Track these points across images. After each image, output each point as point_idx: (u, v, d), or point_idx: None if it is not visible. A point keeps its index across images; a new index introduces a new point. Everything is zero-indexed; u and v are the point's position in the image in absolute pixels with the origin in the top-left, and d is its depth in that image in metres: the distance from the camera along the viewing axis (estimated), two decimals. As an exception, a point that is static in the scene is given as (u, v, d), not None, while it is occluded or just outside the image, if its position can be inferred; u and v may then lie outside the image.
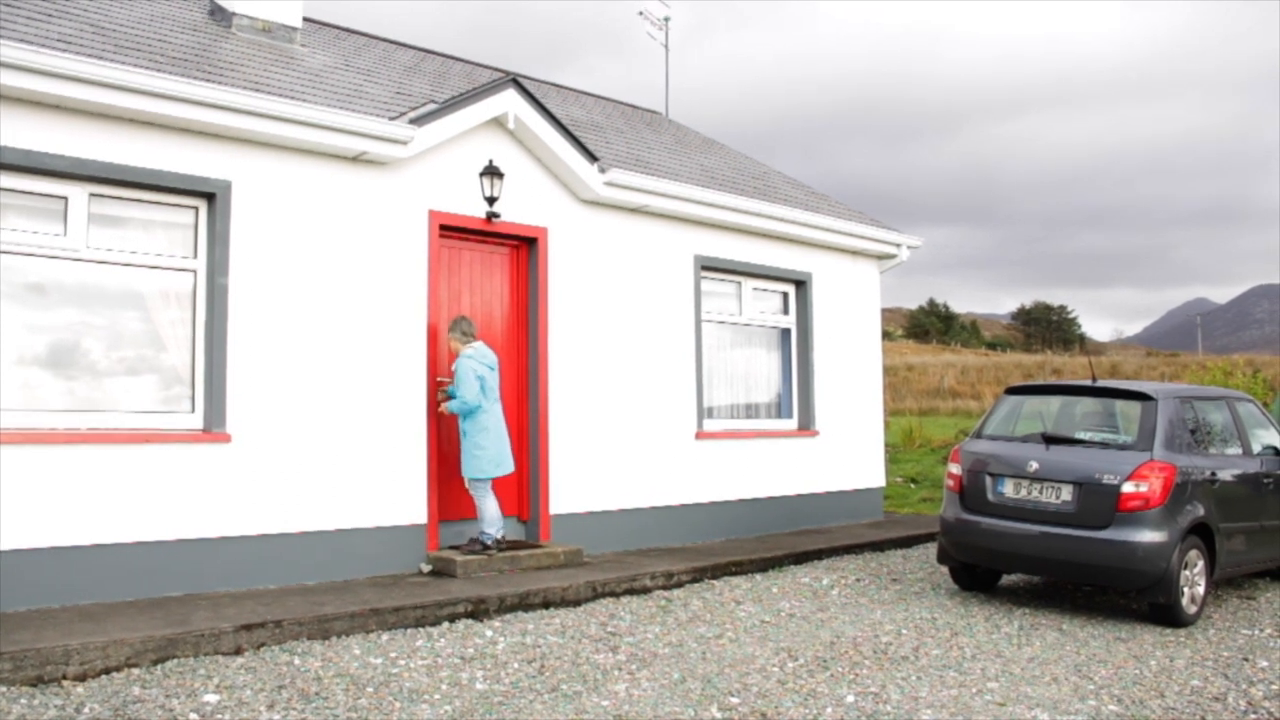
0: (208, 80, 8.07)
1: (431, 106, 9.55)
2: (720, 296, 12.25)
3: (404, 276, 9.23)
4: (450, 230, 9.65)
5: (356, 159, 8.94)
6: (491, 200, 9.69)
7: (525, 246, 10.26)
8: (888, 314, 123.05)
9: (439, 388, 9.41)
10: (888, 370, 48.09)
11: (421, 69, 12.43)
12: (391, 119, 8.97)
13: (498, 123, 9.90)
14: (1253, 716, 6.20)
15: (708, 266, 11.87)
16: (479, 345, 9.28)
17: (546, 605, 8.42)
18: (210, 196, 8.23)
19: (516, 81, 9.91)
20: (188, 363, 8.20)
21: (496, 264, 10.13)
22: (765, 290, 12.81)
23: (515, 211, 10.00)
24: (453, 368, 9.22)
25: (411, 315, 9.26)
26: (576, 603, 8.60)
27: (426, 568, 9.11)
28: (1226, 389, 11.25)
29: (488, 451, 9.17)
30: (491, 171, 9.66)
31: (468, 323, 9.26)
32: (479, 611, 7.98)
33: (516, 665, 6.73)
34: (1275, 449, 10.10)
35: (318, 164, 8.76)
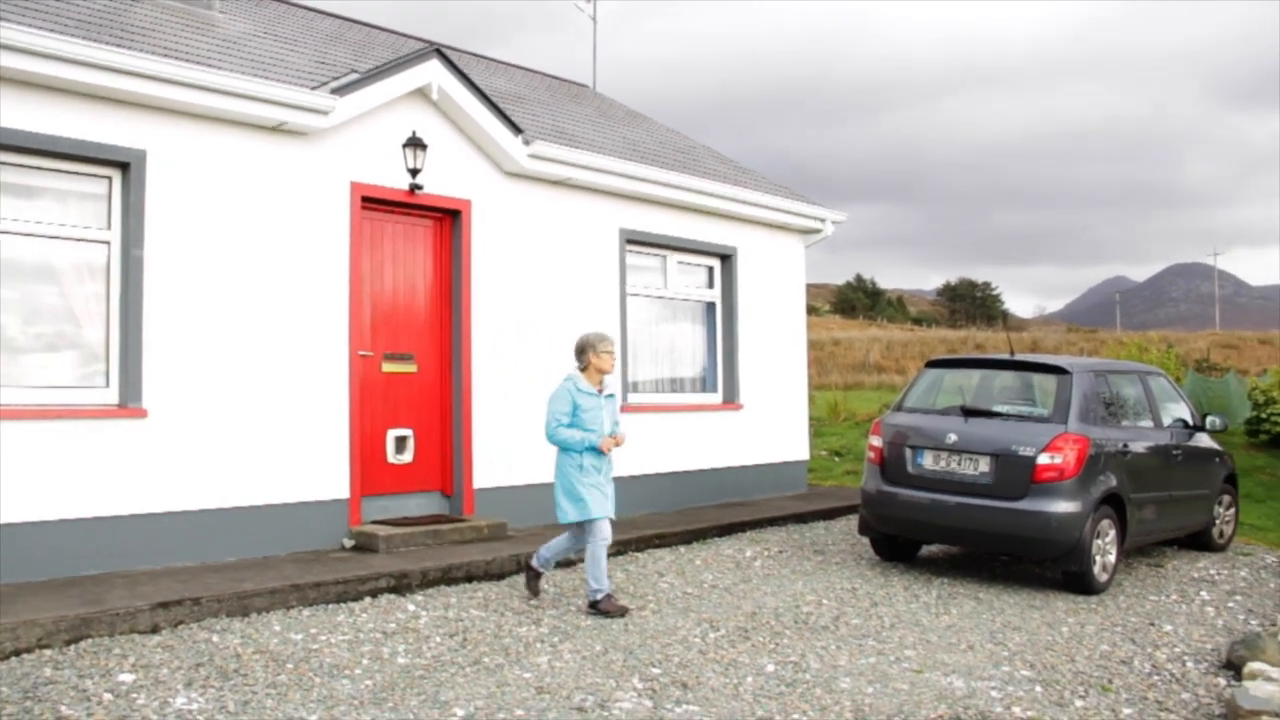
0: (119, 46, 7.87)
1: (354, 76, 9.41)
2: (645, 270, 12.25)
3: (325, 249, 9.11)
4: (373, 202, 9.54)
5: (276, 129, 8.79)
6: (414, 172, 9.58)
7: (449, 219, 10.17)
8: (816, 289, 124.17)
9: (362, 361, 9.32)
10: (815, 345, 48.52)
11: (344, 38, 12.25)
12: (312, 89, 8.82)
13: (421, 94, 9.79)
14: (1156, 678, 6.41)
15: (633, 240, 11.86)
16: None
17: (470, 579, 8.40)
18: (124, 166, 8.04)
19: (440, 52, 9.80)
20: (102, 337, 8.02)
21: (420, 237, 10.03)
22: (690, 264, 12.84)
23: (439, 184, 9.91)
24: None
25: (333, 288, 9.14)
26: (500, 576, 8.60)
27: (349, 543, 9.03)
28: (1140, 364, 11.52)
29: None
30: (414, 143, 9.55)
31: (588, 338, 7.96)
32: (401, 586, 7.95)
33: (439, 639, 6.72)
34: (1185, 422, 10.38)
35: (236, 134, 8.59)
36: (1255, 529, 12.15)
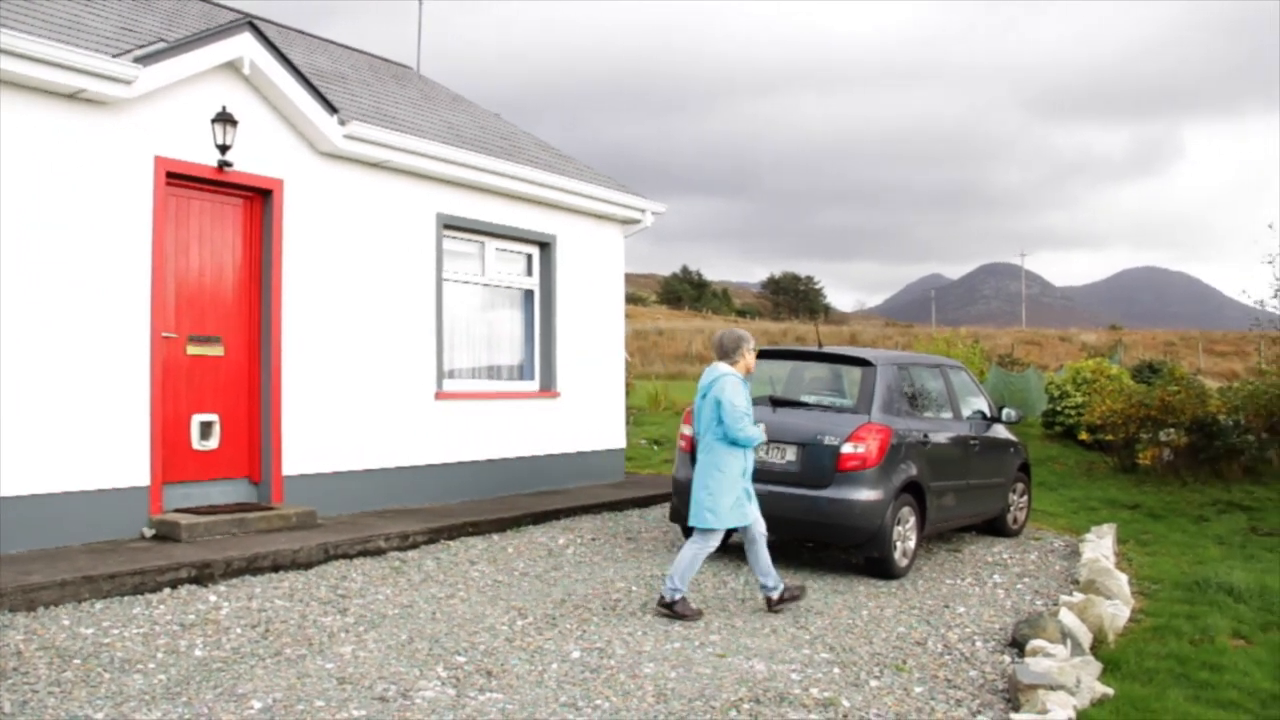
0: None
1: (161, 45, 9.02)
2: (463, 257, 12.15)
3: (126, 226, 8.72)
4: (178, 178, 9.18)
5: (74, 97, 8.36)
6: (224, 149, 9.27)
7: (260, 198, 9.88)
8: (643, 280, 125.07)
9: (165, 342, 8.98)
10: (640, 335, 48.96)
11: (153, 6, 11.73)
12: (114, 56, 8.43)
13: (233, 67, 9.47)
14: (947, 657, 6.72)
15: (451, 225, 11.74)
16: (710, 366, 7.84)
17: (276, 568, 8.20)
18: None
19: (253, 25, 9.50)
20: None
21: (229, 215, 9.72)
22: (509, 251, 12.79)
23: (250, 162, 9.61)
24: None
25: (134, 267, 8.76)
26: (308, 565, 8.42)
27: (149, 532, 8.70)
28: (942, 357, 12.02)
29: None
30: (224, 118, 9.24)
31: (718, 336, 7.96)
32: (204, 576, 7.70)
33: (239, 630, 6.56)
34: (983, 414, 10.88)
35: (28, 100, 8.12)
36: (1047, 515, 12.82)
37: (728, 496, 7.44)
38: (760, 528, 7.65)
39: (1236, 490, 14.55)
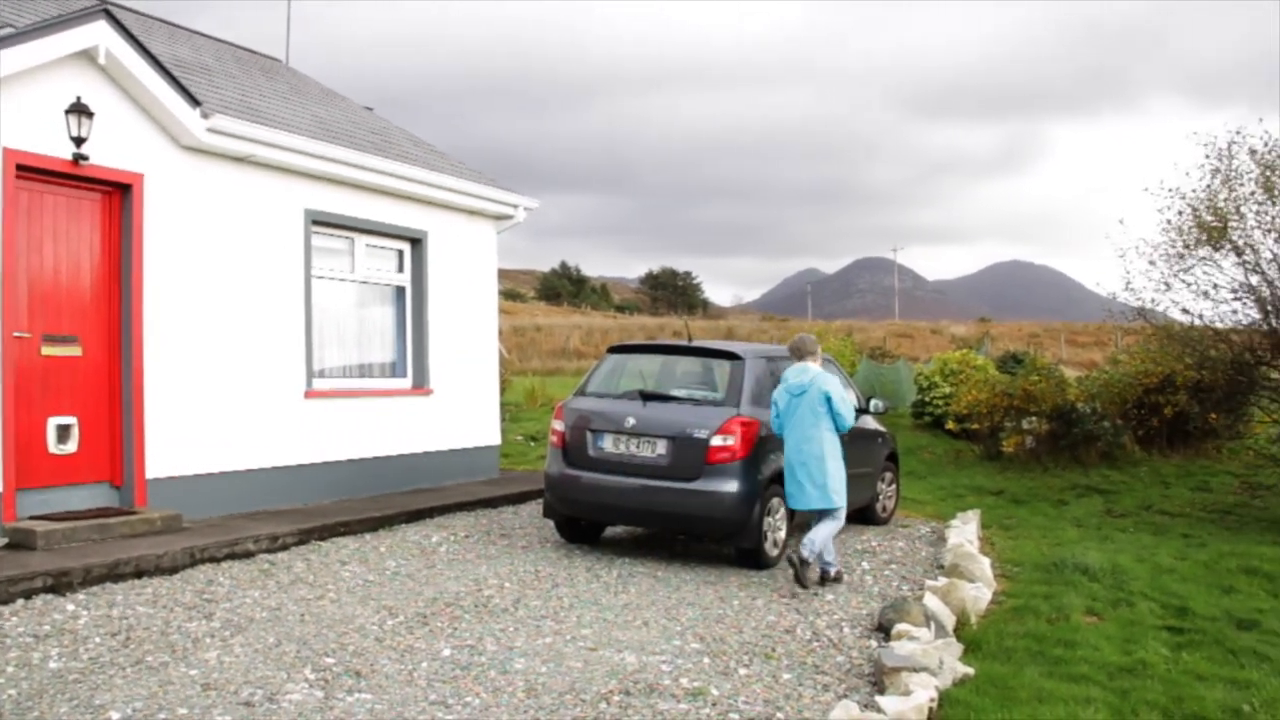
0: None
1: (9, 31, 8.66)
2: (333, 253, 11.95)
3: (-27, 221, 8.38)
4: (30, 172, 8.83)
5: (-87, 88, 8.01)
6: (79, 141, 8.96)
7: (119, 193, 9.57)
8: (522, 276, 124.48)
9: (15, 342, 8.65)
10: (517, 331, 48.77)
11: (2, -9, 11.29)
12: (-43, 45, 8.09)
13: (88, 56, 9.15)
14: (815, 644, 6.86)
15: (320, 222, 11.53)
16: (793, 367, 8.82)
17: (139, 574, 7.96)
18: None
19: (109, 12, 9.19)
20: None
21: (86, 210, 9.40)
22: (380, 248, 12.61)
23: (108, 155, 9.30)
24: None
25: (-18, 264, 8.43)
26: (173, 570, 8.20)
27: (2, 541, 8.37)
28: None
29: (785, 481, 8.77)
30: (79, 109, 8.92)
31: (801, 340, 8.99)
32: (61, 585, 7.44)
33: (99, 639, 6.37)
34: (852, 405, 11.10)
35: None
36: (915, 503, 13.15)
37: (843, 475, 8.67)
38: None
39: (1094, 475, 15.15)
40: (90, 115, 8.98)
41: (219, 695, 5.46)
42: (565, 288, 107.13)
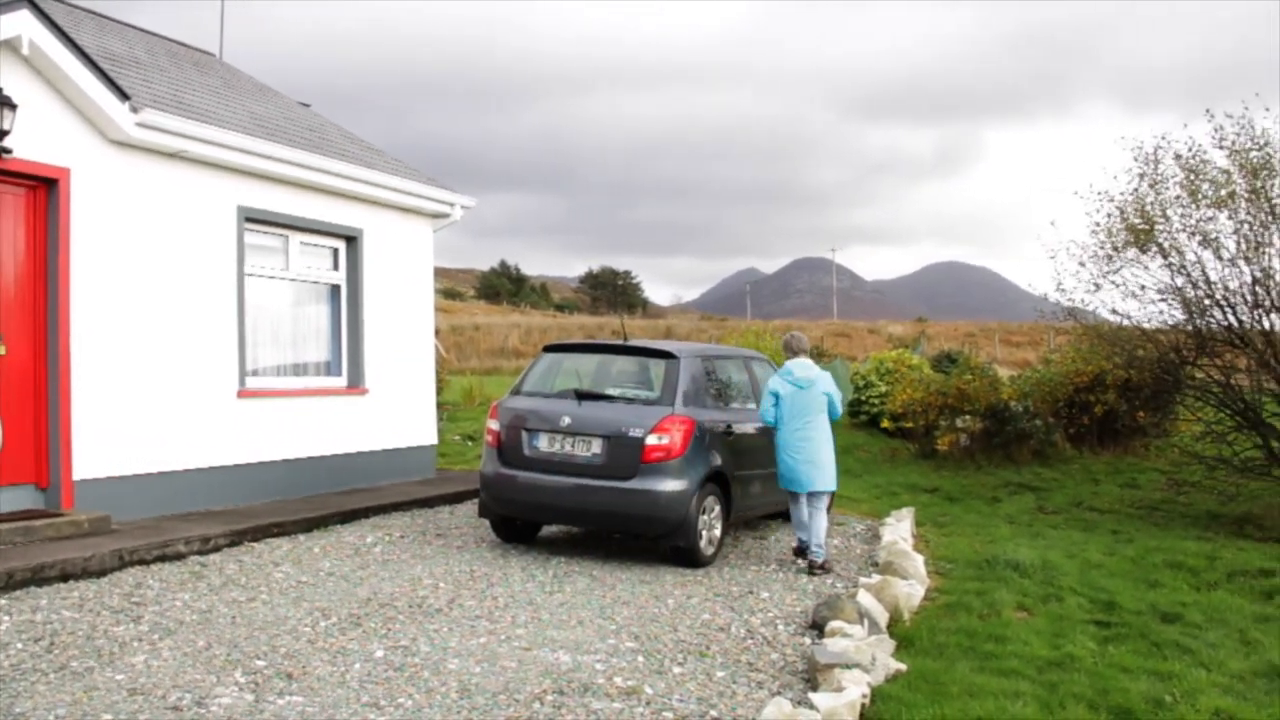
0: None
1: (-73, 24, 8.48)
2: (267, 251, 11.79)
3: (-108, 216, 8.17)
4: (-49, 167, 8.65)
5: None
6: (1, 134, 8.77)
7: (44, 188, 9.37)
8: (461, 275, 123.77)
9: None
10: (456, 330, 48.49)
11: (-78, -18, 11.02)
12: (-126, 36, 7.89)
13: (11, 47, 8.93)
14: (750, 641, 6.89)
15: (253, 219, 11.37)
16: (796, 361, 9.50)
17: (65, 578, 7.80)
18: None
19: (33, 2, 9.00)
20: None
21: (9, 206, 9.19)
22: (315, 246, 12.46)
23: (33, 149, 9.10)
24: None
25: (-99, 260, 8.23)
26: (101, 573, 8.05)
27: (-79, 542, 8.19)
28: (745, 350, 12.30)
29: (784, 466, 9.39)
30: (1, 102, 8.74)
31: (796, 338, 9.79)
32: (-18, 588, 7.29)
33: (21, 645, 6.23)
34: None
35: None
36: (852, 501, 13.26)
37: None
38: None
39: (1026, 472, 15.38)
40: (13, 107, 8.79)
41: (146, 700, 5.37)
42: (505, 287, 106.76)
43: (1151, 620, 7.74)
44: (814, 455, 9.24)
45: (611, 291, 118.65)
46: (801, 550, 9.47)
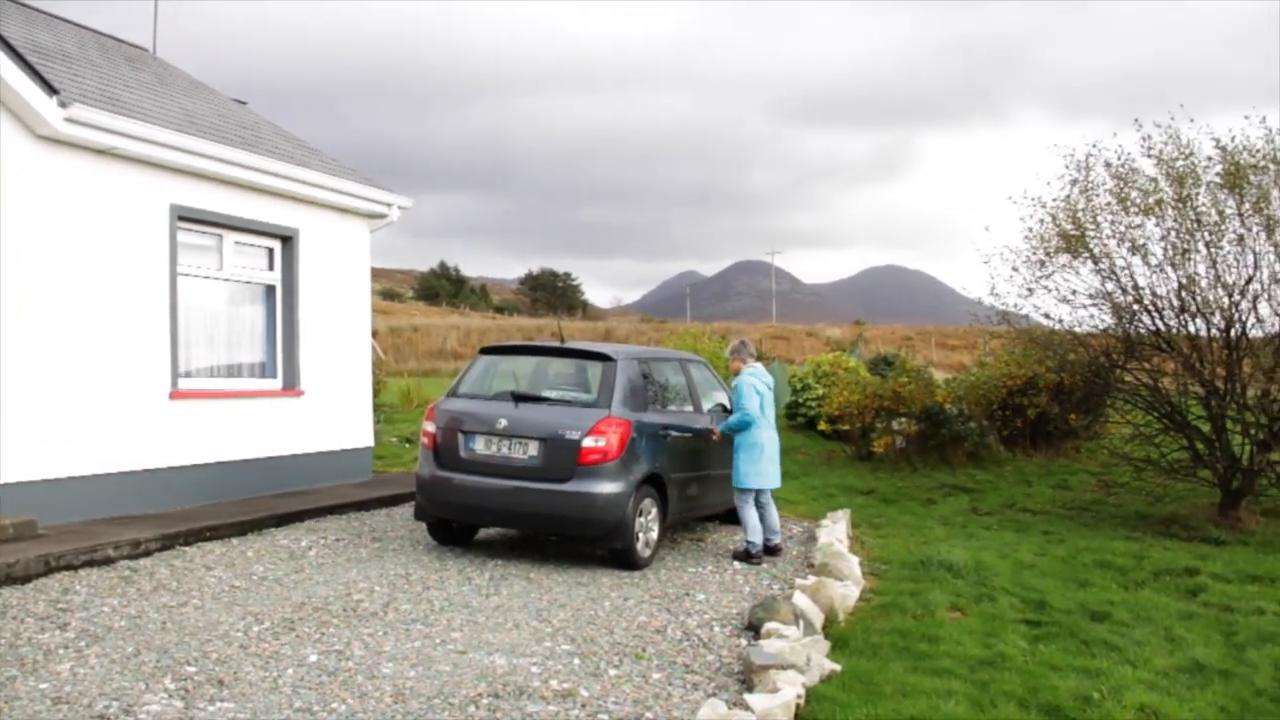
0: None
1: None
2: (200, 250, 11.62)
3: None
4: (-128, 162, 8.43)
5: None
6: (-76, 131, 8.58)
7: (-31, 185, 9.18)
8: (400, 276, 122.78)
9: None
10: (394, 331, 48.12)
11: None
12: None
13: (-67, 42, 8.76)
14: (686, 643, 6.91)
15: (186, 217, 11.20)
16: (758, 366, 10.29)
17: (-11, 584, 7.65)
18: None
19: (-42, -2, 8.82)
20: None
21: (-67, 204, 8.99)
22: (250, 245, 12.30)
23: (-44, 145, 8.92)
24: (734, 385, 10.10)
25: None
26: (25, 579, 7.89)
27: None
28: (682, 352, 12.31)
29: (756, 466, 9.79)
30: (-75, 98, 8.55)
31: (750, 345, 10.49)
32: (-99, 594, 7.11)
33: (-60, 653, 6.08)
34: (724, 406, 11.20)
35: None
36: (790, 503, 13.30)
37: None
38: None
39: (961, 474, 15.56)
40: (-63, 103, 8.60)
41: (70, 709, 5.27)
42: (444, 288, 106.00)
43: (1081, 619, 7.87)
44: (775, 453, 9.97)
45: (551, 293, 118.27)
46: (745, 554, 9.62)
